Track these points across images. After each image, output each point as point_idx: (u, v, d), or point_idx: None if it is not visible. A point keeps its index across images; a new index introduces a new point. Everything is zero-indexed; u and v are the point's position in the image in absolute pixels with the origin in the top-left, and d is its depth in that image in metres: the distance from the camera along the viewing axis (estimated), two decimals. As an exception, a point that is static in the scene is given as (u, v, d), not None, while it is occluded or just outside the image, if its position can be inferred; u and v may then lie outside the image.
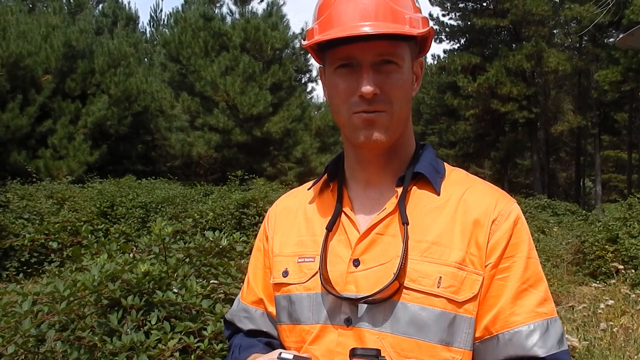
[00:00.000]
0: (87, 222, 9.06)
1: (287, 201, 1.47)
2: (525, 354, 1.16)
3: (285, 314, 1.31)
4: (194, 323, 2.93)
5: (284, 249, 1.36)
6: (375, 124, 1.21)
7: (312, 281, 1.26)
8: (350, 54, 1.20)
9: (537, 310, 1.19)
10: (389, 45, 1.19)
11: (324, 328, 1.23)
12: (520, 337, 1.17)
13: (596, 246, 10.29)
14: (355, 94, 1.20)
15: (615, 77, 26.73)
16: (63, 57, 20.37)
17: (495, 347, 1.18)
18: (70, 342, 2.88)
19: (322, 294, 1.24)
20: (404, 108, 1.25)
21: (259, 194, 11.65)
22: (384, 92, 1.20)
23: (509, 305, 1.19)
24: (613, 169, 42.28)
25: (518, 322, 1.18)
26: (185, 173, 23.49)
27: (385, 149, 1.27)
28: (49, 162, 18.87)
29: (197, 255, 3.58)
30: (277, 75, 23.88)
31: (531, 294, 1.20)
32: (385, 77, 1.20)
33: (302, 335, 1.26)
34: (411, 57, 1.26)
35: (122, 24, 30.31)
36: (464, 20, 34.71)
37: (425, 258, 1.20)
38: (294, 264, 1.31)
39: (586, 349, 4.69)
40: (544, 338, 1.16)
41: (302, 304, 1.27)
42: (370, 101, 1.19)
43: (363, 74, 1.19)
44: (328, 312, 1.23)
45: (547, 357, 1.16)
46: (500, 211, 1.24)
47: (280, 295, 1.33)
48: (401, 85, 1.22)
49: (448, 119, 37.51)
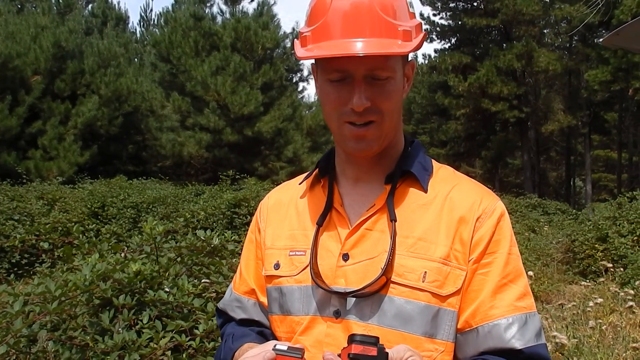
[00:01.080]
0: (78, 223, 9.03)
1: (279, 194, 1.50)
2: (503, 346, 1.19)
3: (276, 305, 1.35)
4: (186, 322, 2.94)
5: (275, 242, 1.39)
6: (365, 137, 1.24)
7: (303, 274, 1.29)
8: (343, 67, 1.21)
9: (516, 304, 1.23)
10: (381, 59, 1.20)
11: (314, 320, 1.26)
12: (499, 329, 1.20)
13: (586, 245, 10.35)
14: (347, 105, 1.22)
15: (605, 76, 26.88)
16: (52, 57, 20.30)
17: (475, 339, 1.22)
18: (62, 342, 2.88)
19: (312, 287, 1.27)
20: (394, 116, 1.28)
21: (250, 193, 11.64)
22: (375, 104, 1.22)
23: (489, 299, 1.22)
24: (603, 169, 42.56)
25: (497, 315, 1.21)
26: (176, 173, 23.43)
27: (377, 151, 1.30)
28: (39, 163, 18.79)
29: (189, 255, 3.59)
30: (268, 75, 23.89)
31: (511, 289, 1.24)
32: (378, 89, 1.22)
33: (293, 326, 1.30)
34: (402, 63, 1.28)
35: (112, 24, 30.22)
36: (455, 20, 34.79)
37: (412, 253, 1.23)
38: (286, 257, 1.34)
39: (575, 347, 4.72)
40: (522, 331, 1.20)
41: (292, 296, 1.30)
42: (361, 113, 1.22)
43: (355, 88, 1.20)
44: (318, 305, 1.26)
45: (524, 350, 1.19)
46: (485, 209, 1.28)
47: (271, 287, 1.36)
48: (392, 95, 1.24)
49: (439, 119, 37.63)
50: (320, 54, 1.20)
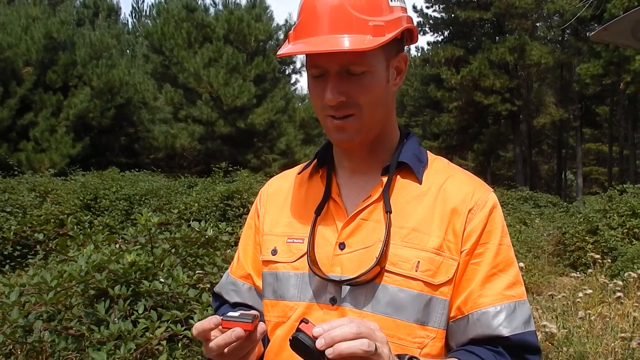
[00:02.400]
0: (71, 215, 9.02)
1: (278, 183, 1.54)
2: (490, 333, 1.23)
3: (270, 290, 1.38)
4: (181, 312, 2.97)
5: (274, 229, 1.42)
6: (344, 129, 1.28)
7: (300, 262, 1.33)
8: (318, 63, 1.25)
9: (505, 293, 1.26)
10: (353, 55, 1.21)
11: (310, 306, 1.29)
12: (487, 317, 1.24)
13: (577, 237, 10.43)
14: (324, 100, 1.26)
15: (597, 70, 27.00)
16: (44, 48, 20.16)
17: (465, 327, 1.26)
18: (57, 332, 2.91)
19: (309, 274, 1.31)
20: (377, 109, 1.29)
21: (243, 185, 11.62)
22: (351, 97, 1.24)
23: (478, 287, 1.26)
24: (594, 162, 42.76)
25: (486, 304, 1.25)
26: (169, 165, 23.38)
27: (366, 143, 1.34)
28: (30, 155, 18.70)
29: (183, 246, 3.62)
30: (261, 67, 23.84)
31: (500, 278, 1.28)
32: (352, 83, 1.24)
33: (286, 311, 1.33)
34: (386, 56, 1.29)
35: (103, 15, 30.06)
36: (448, 13, 34.81)
37: (406, 243, 1.27)
38: (283, 243, 1.38)
39: (565, 337, 4.78)
40: (510, 319, 1.24)
41: (288, 282, 1.33)
42: (336, 107, 1.25)
43: (328, 83, 1.24)
44: (314, 292, 1.30)
45: (511, 337, 1.23)
46: (477, 200, 1.31)
47: (267, 271, 1.39)
48: (370, 89, 1.26)
49: (432, 111, 37.70)
50: (284, 51, 1.26)
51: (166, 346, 2.89)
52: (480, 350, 1.23)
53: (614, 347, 4.62)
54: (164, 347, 2.87)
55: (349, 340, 1.00)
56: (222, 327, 1.13)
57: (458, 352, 1.25)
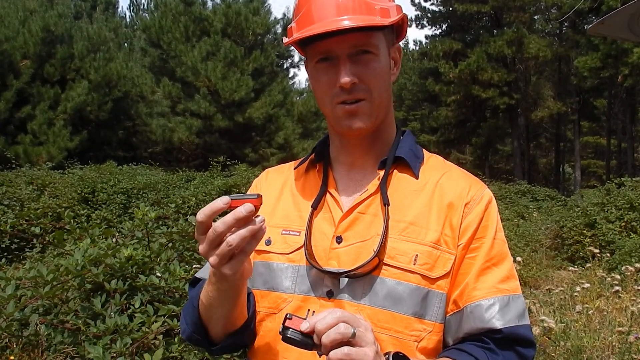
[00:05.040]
0: (68, 208, 9.01)
1: (274, 174, 1.54)
2: (484, 326, 1.24)
3: (260, 281, 1.37)
4: (177, 306, 2.96)
5: (269, 220, 1.39)
6: (356, 113, 1.29)
7: (296, 254, 1.33)
8: (327, 47, 1.27)
9: (498, 286, 1.27)
10: (363, 36, 1.25)
11: (307, 299, 1.29)
12: (480, 309, 1.25)
13: (574, 231, 10.46)
14: (336, 86, 1.27)
15: (595, 63, 26.98)
16: (41, 42, 20.10)
17: (460, 320, 1.27)
18: (54, 326, 2.90)
19: (306, 267, 1.31)
20: (384, 94, 1.32)
21: (241, 179, 11.64)
22: (363, 81, 1.27)
23: (472, 281, 1.27)
24: (592, 155, 42.80)
25: (479, 297, 1.26)
26: (167, 159, 23.37)
27: (368, 134, 1.35)
28: (28, 148, 18.68)
29: (180, 240, 3.61)
30: (259, 61, 23.79)
31: (494, 272, 1.29)
32: (363, 66, 1.27)
33: (278, 302, 1.32)
34: (387, 44, 1.33)
35: (101, 9, 29.97)
36: (446, 6, 34.73)
37: (404, 237, 1.27)
38: (278, 234, 1.37)
39: (562, 331, 4.78)
40: (503, 312, 1.25)
41: (282, 274, 1.33)
42: (349, 90, 1.27)
43: (341, 66, 1.26)
44: (311, 285, 1.29)
45: (504, 329, 1.24)
46: (474, 195, 1.33)
47: (259, 261, 1.38)
48: (379, 72, 1.29)
49: (430, 105, 37.64)
50: (296, 36, 1.27)
51: (162, 340, 2.88)
52: (471, 348, 1.24)
53: (612, 341, 4.62)
54: (160, 341, 2.87)
55: (330, 326, 1.03)
56: (231, 207, 1.07)
57: (449, 352, 1.26)
